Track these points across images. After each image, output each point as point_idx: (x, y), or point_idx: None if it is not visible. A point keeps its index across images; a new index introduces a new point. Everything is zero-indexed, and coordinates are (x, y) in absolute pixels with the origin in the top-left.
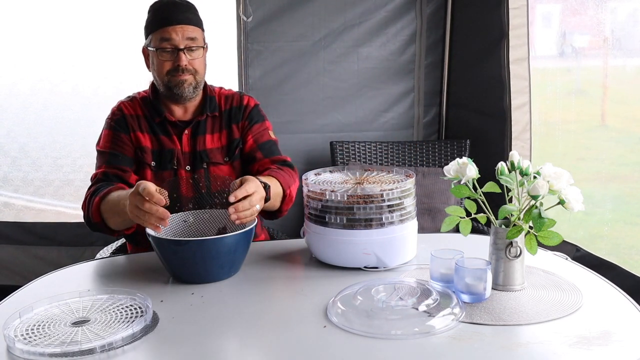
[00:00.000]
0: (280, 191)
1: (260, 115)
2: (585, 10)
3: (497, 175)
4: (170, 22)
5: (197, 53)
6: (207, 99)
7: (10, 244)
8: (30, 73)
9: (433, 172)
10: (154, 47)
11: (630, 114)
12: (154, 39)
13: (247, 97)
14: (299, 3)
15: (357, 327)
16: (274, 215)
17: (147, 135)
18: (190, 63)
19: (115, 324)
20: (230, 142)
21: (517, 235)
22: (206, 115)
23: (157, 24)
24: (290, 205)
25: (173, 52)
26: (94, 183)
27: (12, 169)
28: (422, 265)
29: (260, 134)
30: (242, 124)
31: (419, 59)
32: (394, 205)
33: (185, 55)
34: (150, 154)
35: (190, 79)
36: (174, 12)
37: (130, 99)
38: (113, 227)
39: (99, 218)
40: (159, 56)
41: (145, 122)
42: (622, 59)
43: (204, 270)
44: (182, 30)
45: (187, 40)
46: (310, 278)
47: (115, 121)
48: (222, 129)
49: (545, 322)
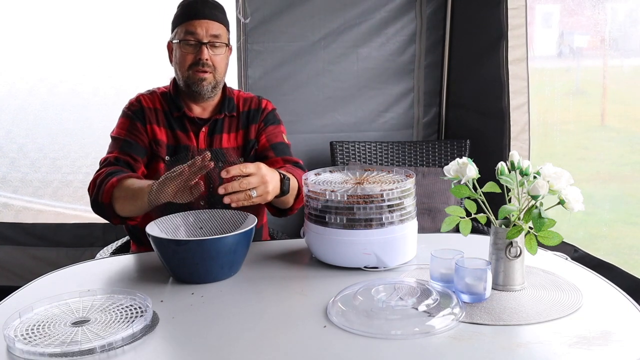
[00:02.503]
0: (296, 187)
1: (276, 119)
2: (583, 11)
3: (497, 175)
4: (197, 16)
5: (220, 50)
6: (225, 99)
7: (10, 245)
8: (30, 73)
9: (433, 172)
10: (178, 40)
11: (630, 114)
12: (179, 31)
13: (266, 101)
14: (299, 3)
15: (357, 327)
16: (284, 213)
17: (163, 129)
18: (212, 59)
19: (115, 324)
20: (246, 142)
21: (517, 235)
22: (224, 114)
23: (183, 17)
24: (302, 204)
25: (196, 45)
26: (105, 165)
27: (11, 170)
28: (422, 265)
29: (274, 135)
30: (258, 126)
31: (419, 59)
32: (394, 205)
33: (207, 49)
34: (165, 148)
35: (210, 77)
36: (202, 7)
37: (150, 92)
38: (119, 211)
39: (109, 199)
40: (182, 48)
41: (163, 116)
42: (621, 59)
43: (204, 270)
44: (207, 25)
45: (211, 36)
46: (310, 278)
47: (132, 111)
48: (239, 129)
49: (545, 322)
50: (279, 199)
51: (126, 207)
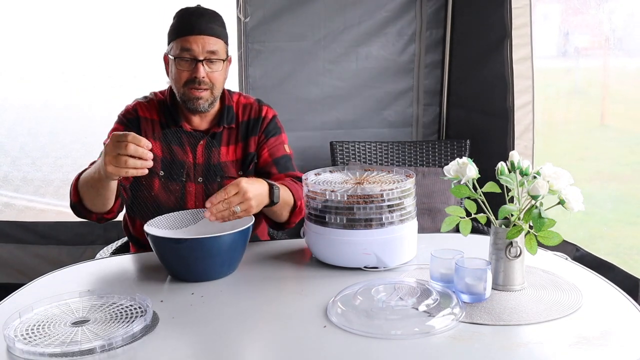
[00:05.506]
0: (290, 201)
1: (277, 128)
2: (585, 10)
3: (497, 175)
4: (192, 32)
5: (217, 66)
6: (224, 109)
7: (11, 243)
8: (31, 72)
9: (433, 172)
10: (173, 56)
11: (631, 114)
12: (175, 47)
13: (266, 108)
14: (299, 3)
15: (357, 327)
16: (281, 227)
17: (158, 142)
18: (209, 76)
19: (115, 324)
20: (245, 155)
21: (517, 235)
22: (223, 127)
23: (179, 32)
24: (299, 218)
25: (192, 62)
26: None
27: (12, 169)
28: (422, 265)
29: (276, 148)
30: (258, 138)
31: (419, 58)
32: (394, 205)
33: (203, 67)
34: (159, 162)
35: (206, 95)
36: (198, 21)
37: (147, 100)
38: (88, 205)
39: (77, 198)
40: (177, 65)
41: (160, 128)
42: (622, 59)
43: (203, 268)
44: (202, 41)
45: (208, 53)
46: (310, 278)
47: (128, 119)
48: (238, 141)
49: (545, 322)
50: (271, 208)
51: (92, 199)
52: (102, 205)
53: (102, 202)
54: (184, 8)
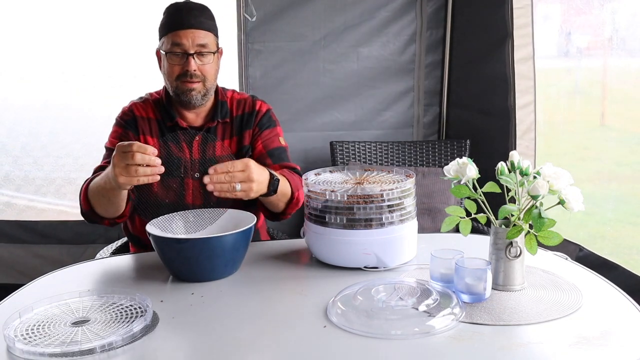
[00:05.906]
0: (288, 192)
1: (271, 121)
2: (588, 11)
3: (497, 175)
4: (182, 26)
5: (208, 59)
6: (218, 104)
7: (12, 243)
8: (31, 72)
9: (433, 172)
10: (164, 51)
11: (631, 114)
12: (166, 42)
13: (260, 102)
14: (300, 3)
15: (357, 327)
16: (277, 217)
17: (155, 140)
18: (200, 69)
19: (115, 324)
20: (240, 149)
21: (517, 235)
22: (217, 122)
23: (169, 27)
24: (295, 210)
25: (183, 56)
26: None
27: (14, 168)
28: (422, 265)
29: (270, 140)
30: (252, 131)
31: (419, 58)
32: (394, 205)
33: (194, 60)
34: None
35: (199, 87)
36: (187, 16)
37: (142, 100)
38: (100, 212)
39: (88, 206)
40: (169, 60)
41: (156, 125)
42: (625, 59)
43: (206, 268)
44: (192, 35)
45: (198, 46)
46: (310, 278)
47: (125, 120)
48: (233, 135)
49: (545, 322)
50: (268, 198)
51: (103, 206)
52: (114, 211)
53: (114, 208)
54: (172, 3)
